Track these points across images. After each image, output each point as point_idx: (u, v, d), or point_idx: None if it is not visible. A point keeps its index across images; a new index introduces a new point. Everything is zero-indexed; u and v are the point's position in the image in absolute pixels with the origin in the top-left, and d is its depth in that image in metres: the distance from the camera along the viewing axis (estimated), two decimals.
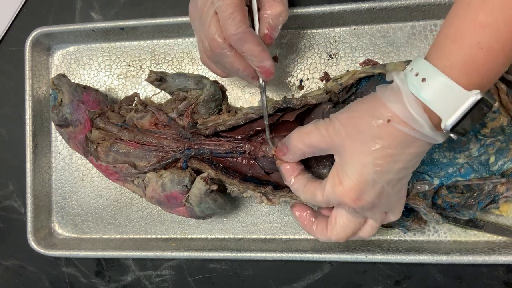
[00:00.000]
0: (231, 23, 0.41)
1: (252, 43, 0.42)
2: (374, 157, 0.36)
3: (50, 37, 0.59)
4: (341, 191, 0.38)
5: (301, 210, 0.45)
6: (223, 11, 0.42)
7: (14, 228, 0.62)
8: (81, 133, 0.53)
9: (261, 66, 0.44)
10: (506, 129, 0.45)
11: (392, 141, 0.36)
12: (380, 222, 0.42)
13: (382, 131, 0.36)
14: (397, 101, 0.35)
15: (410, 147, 0.36)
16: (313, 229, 0.44)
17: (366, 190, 0.38)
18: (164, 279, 0.58)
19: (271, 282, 0.56)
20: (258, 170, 0.49)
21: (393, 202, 0.40)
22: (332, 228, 0.42)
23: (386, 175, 0.37)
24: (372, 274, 0.54)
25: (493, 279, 0.52)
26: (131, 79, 0.59)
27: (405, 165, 0.37)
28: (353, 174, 0.38)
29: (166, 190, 0.49)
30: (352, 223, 0.42)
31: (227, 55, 0.44)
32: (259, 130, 0.49)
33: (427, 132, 0.35)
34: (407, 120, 0.35)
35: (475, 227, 0.51)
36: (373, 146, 0.36)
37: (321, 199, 0.41)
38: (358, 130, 0.37)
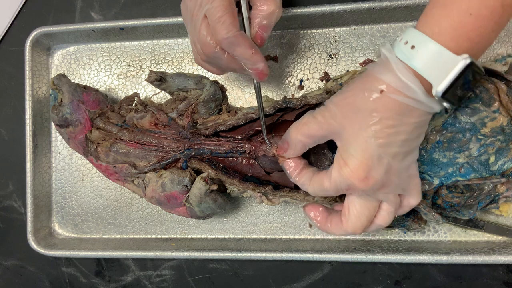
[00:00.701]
0: (221, 27, 0.40)
1: (243, 47, 0.41)
2: (375, 131, 0.36)
3: (50, 37, 0.59)
4: (348, 171, 0.37)
5: (314, 209, 0.44)
6: (212, 15, 0.41)
7: (14, 228, 0.62)
8: (81, 133, 0.53)
9: (254, 69, 0.43)
10: (506, 129, 0.45)
11: (389, 112, 0.35)
12: (395, 205, 0.40)
13: (377, 104, 0.36)
14: (387, 71, 0.35)
15: (408, 117, 0.36)
16: (328, 226, 0.43)
17: (373, 166, 0.36)
18: (164, 279, 0.58)
19: (271, 282, 0.56)
20: (258, 169, 0.49)
21: (404, 180, 0.39)
22: (346, 219, 0.41)
23: (390, 148, 0.36)
24: (372, 274, 0.54)
25: (493, 279, 0.52)
26: (131, 79, 0.59)
27: (408, 136, 0.36)
28: (357, 152, 0.37)
29: (166, 190, 0.49)
30: (366, 209, 0.40)
31: (221, 58, 0.43)
32: (259, 130, 0.49)
33: (422, 99, 0.35)
34: (400, 89, 0.35)
35: (475, 227, 0.51)
36: (372, 120, 0.36)
37: (329, 186, 0.39)
38: (354, 107, 0.37)
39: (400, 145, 0.36)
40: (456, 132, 0.45)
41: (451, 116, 0.45)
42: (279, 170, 0.48)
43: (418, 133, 0.37)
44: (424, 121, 0.37)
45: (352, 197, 0.40)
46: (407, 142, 0.37)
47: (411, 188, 0.40)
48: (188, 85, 0.51)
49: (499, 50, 0.52)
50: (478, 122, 0.45)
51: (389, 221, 0.41)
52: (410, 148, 0.37)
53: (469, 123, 0.45)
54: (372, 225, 0.41)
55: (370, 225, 0.41)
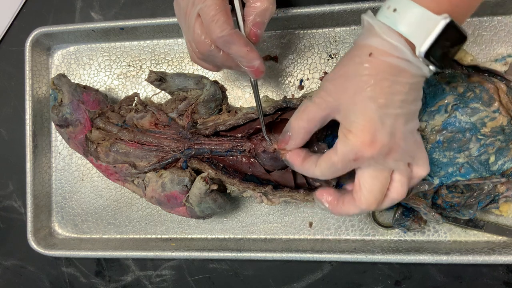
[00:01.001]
0: (215, 26, 0.40)
1: (238, 45, 0.41)
2: (371, 94, 0.36)
3: (50, 37, 0.59)
4: (353, 137, 0.37)
5: (325, 191, 0.42)
6: (206, 14, 0.41)
7: (14, 228, 0.62)
8: (81, 133, 0.53)
9: (250, 66, 0.43)
10: (506, 129, 0.45)
11: (381, 74, 0.36)
12: (407, 175, 0.39)
13: (368, 68, 0.36)
14: (372, 35, 0.36)
15: (401, 77, 0.36)
16: (341, 207, 0.41)
17: (376, 129, 0.36)
18: (164, 279, 0.58)
19: (271, 282, 0.56)
20: (258, 168, 0.49)
21: (411, 146, 0.38)
22: (359, 195, 0.39)
23: (389, 109, 0.36)
24: (372, 274, 0.54)
25: (493, 279, 0.52)
26: (131, 79, 0.59)
27: (405, 97, 0.36)
28: (358, 117, 0.36)
29: (166, 190, 0.49)
30: (377, 181, 0.38)
31: (216, 56, 0.43)
32: (259, 128, 0.49)
33: (410, 58, 0.35)
34: (387, 50, 0.35)
35: (475, 227, 0.51)
36: (366, 84, 0.36)
37: (337, 159, 0.38)
38: (347, 78, 0.37)
39: (399, 106, 0.36)
40: (456, 132, 0.45)
41: (451, 116, 0.45)
42: (279, 168, 0.48)
43: (414, 96, 0.37)
44: (417, 84, 0.37)
45: (362, 171, 0.39)
46: (405, 104, 0.37)
47: (419, 157, 0.39)
48: (188, 85, 0.51)
49: (499, 50, 0.52)
50: (478, 122, 0.45)
51: (403, 193, 0.39)
52: (409, 110, 0.37)
53: (469, 123, 0.45)
54: (386, 199, 0.40)
55: (384, 199, 0.39)
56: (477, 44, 0.52)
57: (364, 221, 0.54)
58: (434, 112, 0.45)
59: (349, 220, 0.54)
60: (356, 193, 0.39)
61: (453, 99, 0.45)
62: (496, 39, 0.52)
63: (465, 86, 0.45)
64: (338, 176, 0.40)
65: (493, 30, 0.52)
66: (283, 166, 0.48)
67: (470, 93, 0.45)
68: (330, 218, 0.54)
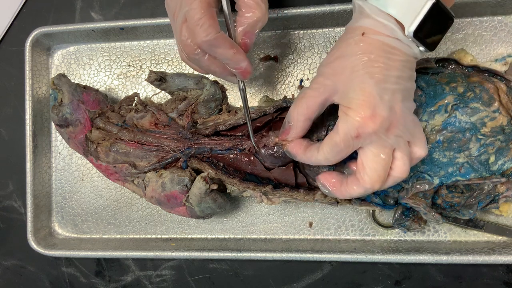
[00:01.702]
0: (199, 30, 0.40)
1: (224, 48, 0.41)
2: (367, 70, 0.37)
3: (50, 37, 0.59)
4: (353, 114, 0.37)
5: (328, 174, 0.42)
6: (191, 17, 0.40)
7: (14, 228, 0.62)
8: (81, 133, 0.53)
9: (238, 68, 0.43)
10: (506, 129, 0.45)
11: (375, 51, 0.37)
12: (408, 153, 0.39)
13: (363, 47, 0.38)
14: (364, 17, 0.38)
15: (394, 55, 0.37)
16: (345, 188, 0.40)
17: (376, 103, 0.37)
18: (164, 279, 0.58)
19: (271, 282, 0.56)
20: (258, 165, 0.49)
21: (410, 124, 0.39)
22: (362, 175, 0.39)
23: (386, 84, 0.37)
24: (372, 274, 0.54)
25: (493, 279, 0.52)
26: (131, 79, 0.59)
27: (400, 73, 0.38)
28: (356, 93, 0.37)
29: (166, 189, 0.49)
30: (380, 158, 0.38)
31: (201, 59, 0.43)
32: (259, 127, 0.49)
33: (400, 37, 0.37)
34: (378, 29, 0.37)
35: (475, 227, 0.51)
36: (361, 61, 0.37)
37: (339, 139, 0.38)
38: (342, 58, 0.38)
39: (395, 81, 0.37)
40: (456, 131, 0.45)
41: (451, 115, 0.45)
42: (279, 165, 0.48)
43: (408, 74, 0.39)
44: (409, 63, 0.38)
45: (364, 150, 0.39)
46: (401, 80, 0.38)
47: (417, 137, 0.40)
48: (188, 85, 0.51)
49: (499, 50, 0.52)
50: (478, 121, 0.45)
51: (406, 172, 0.39)
52: (405, 87, 0.38)
53: (469, 122, 0.45)
54: (390, 178, 0.39)
55: (387, 178, 0.39)
56: (477, 44, 0.52)
57: (364, 221, 0.54)
58: (434, 112, 0.45)
59: (349, 220, 0.54)
60: (359, 172, 0.39)
61: (453, 99, 0.45)
62: (496, 39, 0.52)
63: (465, 86, 0.45)
64: (342, 158, 0.39)
65: (493, 30, 0.52)
66: (283, 163, 0.48)
67: (470, 93, 0.45)
68: (330, 218, 0.54)
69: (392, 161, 0.39)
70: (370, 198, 0.48)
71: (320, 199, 0.47)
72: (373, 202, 0.48)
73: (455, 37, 0.52)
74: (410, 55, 0.38)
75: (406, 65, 0.38)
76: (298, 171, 0.49)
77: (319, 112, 0.41)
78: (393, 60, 0.37)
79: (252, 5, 0.41)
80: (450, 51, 0.52)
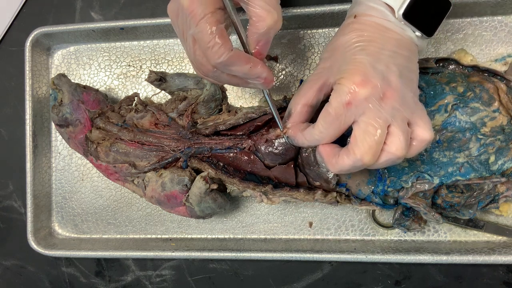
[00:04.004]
0: (211, 53, 0.38)
1: (239, 65, 0.39)
2: (359, 45, 0.38)
3: (50, 37, 0.59)
4: (345, 81, 0.37)
5: (327, 146, 0.40)
6: (200, 40, 0.38)
7: (14, 228, 0.62)
8: (81, 133, 0.53)
9: (258, 80, 0.41)
10: (506, 129, 0.45)
11: (367, 28, 0.39)
12: (404, 130, 0.37)
13: (355, 26, 0.39)
14: (357, 4, 0.40)
15: (387, 33, 0.38)
16: (336, 159, 0.38)
17: (367, 71, 0.36)
18: (164, 279, 0.58)
19: (271, 282, 0.56)
20: (258, 164, 0.49)
21: (409, 101, 0.38)
22: (353, 144, 0.37)
23: (380, 56, 0.37)
24: (372, 274, 0.54)
25: (493, 279, 0.52)
26: (131, 79, 0.59)
27: (395, 49, 0.38)
28: (348, 64, 0.37)
29: (166, 189, 0.49)
30: (371, 127, 0.36)
31: (220, 76, 0.41)
32: (259, 126, 0.49)
33: (391, 19, 0.38)
34: (370, 12, 0.39)
35: (475, 227, 0.51)
36: (352, 39, 0.38)
37: (332, 110, 0.37)
38: (337, 40, 0.40)
39: (389, 55, 0.38)
40: (456, 131, 0.45)
41: (451, 115, 0.45)
42: (280, 163, 0.48)
43: (406, 54, 0.39)
44: (407, 43, 0.39)
45: (357, 122, 0.37)
46: (397, 55, 0.38)
47: (420, 116, 0.38)
48: (188, 85, 0.51)
49: (499, 50, 0.52)
50: (478, 121, 0.45)
51: (402, 149, 0.37)
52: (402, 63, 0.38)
53: (469, 122, 0.45)
54: (383, 153, 0.37)
55: (381, 153, 0.37)
56: (477, 44, 0.52)
57: (364, 221, 0.54)
58: (434, 111, 0.45)
59: (349, 220, 0.54)
60: (351, 143, 0.37)
61: (453, 98, 0.45)
62: (496, 39, 0.52)
63: (465, 86, 0.45)
64: (338, 133, 0.38)
65: (493, 30, 0.52)
66: (284, 160, 0.48)
67: (470, 93, 0.45)
68: (330, 218, 0.54)
69: (387, 136, 0.37)
70: (370, 198, 0.48)
71: (320, 198, 0.47)
72: (373, 202, 0.48)
73: (455, 37, 0.52)
74: (405, 37, 0.39)
75: (402, 44, 0.38)
76: (298, 170, 0.49)
77: (318, 99, 0.41)
78: (387, 37, 0.38)
79: (262, 13, 0.38)
80: (450, 51, 0.52)
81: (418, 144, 0.38)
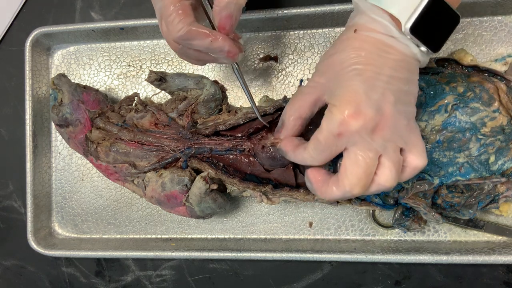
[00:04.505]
0: (171, 27, 0.39)
1: (199, 39, 0.40)
2: (355, 67, 0.35)
3: (50, 37, 0.59)
4: (337, 111, 0.35)
5: (316, 171, 0.39)
6: (163, 15, 0.40)
7: (14, 228, 0.62)
8: (81, 133, 0.53)
9: (221, 54, 0.41)
10: (506, 129, 0.45)
11: (367, 47, 0.36)
12: (395, 161, 0.36)
13: (353, 43, 0.36)
14: (359, 14, 0.37)
15: (387, 53, 0.36)
16: (325, 188, 0.38)
17: (361, 101, 0.35)
18: (164, 279, 0.58)
19: (271, 282, 0.56)
20: (258, 167, 0.49)
21: (402, 130, 0.36)
22: (343, 176, 0.36)
23: (376, 82, 0.35)
24: (372, 274, 0.54)
25: (493, 279, 0.52)
26: (131, 79, 0.59)
27: (393, 73, 0.36)
28: (342, 90, 0.35)
29: (166, 189, 0.49)
30: (362, 160, 0.35)
31: (188, 52, 0.42)
32: (259, 128, 0.49)
33: (395, 34, 0.35)
34: (371, 26, 0.36)
35: (475, 227, 0.51)
36: (351, 58, 0.36)
37: (322, 137, 0.36)
38: (334, 55, 0.37)
39: (386, 81, 0.35)
40: (456, 131, 0.45)
41: (451, 115, 0.45)
42: (278, 166, 0.48)
43: (405, 76, 0.36)
44: (407, 63, 0.37)
45: (348, 151, 0.37)
46: (394, 80, 0.36)
47: (413, 144, 0.37)
48: (188, 85, 0.51)
49: (499, 50, 0.52)
50: (478, 121, 0.45)
51: (392, 180, 0.36)
52: (398, 88, 0.36)
53: (469, 122, 0.45)
54: (373, 184, 0.37)
55: (371, 184, 0.37)
56: (477, 44, 0.52)
57: (364, 221, 0.54)
58: (434, 112, 0.45)
59: (349, 220, 0.54)
60: (340, 174, 0.37)
61: (453, 99, 0.45)
62: (496, 39, 0.52)
63: (465, 86, 0.45)
64: (327, 157, 0.37)
65: (493, 30, 0.52)
66: (282, 165, 0.48)
67: (470, 93, 0.45)
68: (330, 218, 0.54)
69: (378, 166, 0.36)
70: (370, 198, 0.48)
71: (320, 198, 0.47)
72: (373, 202, 0.48)
73: (455, 37, 0.52)
74: (408, 55, 0.36)
75: (402, 65, 0.36)
76: (298, 171, 0.49)
77: (312, 112, 0.40)
78: (386, 58, 0.36)
79: None
80: (450, 51, 0.52)
81: (411, 171, 0.38)
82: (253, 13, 0.52)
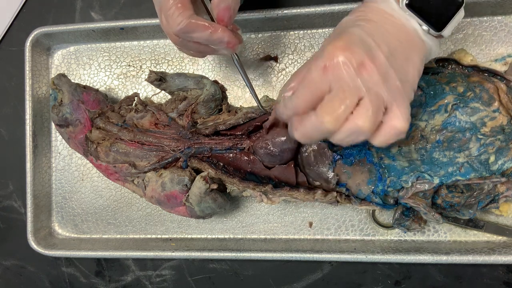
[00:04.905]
0: (171, 20, 0.41)
1: (198, 32, 0.41)
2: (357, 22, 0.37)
3: (50, 37, 0.59)
4: (327, 44, 0.35)
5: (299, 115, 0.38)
6: (163, 9, 0.41)
7: (14, 228, 0.62)
8: (81, 133, 0.53)
9: (221, 45, 0.42)
10: (506, 129, 0.45)
11: (370, 10, 0.38)
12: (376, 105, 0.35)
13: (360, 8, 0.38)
14: None
15: (389, 20, 0.37)
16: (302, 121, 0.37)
17: (353, 40, 0.35)
18: (164, 279, 0.58)
19: (271, 282, 0.56)
20: (258, 164, 0.49)
21: (391, 84, 0.35)
22: (319, 106, 0.35)
23: (371, 32, 0.36)
24: (372, 274, 0.54)
25: (493, 279, 0.52)
26: (131, 79, 0.59)
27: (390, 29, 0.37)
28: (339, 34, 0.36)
29: (166, 189, 0.49)
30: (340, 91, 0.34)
31: (188, 45, 0.43)
32: (258, 126, 0.49)
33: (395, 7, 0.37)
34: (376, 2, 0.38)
35: (475, 227, 0.51)
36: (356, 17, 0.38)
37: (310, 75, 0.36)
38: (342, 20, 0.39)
39: (383, 39, 0.36)
40: (456, 131, 0.45)
41: (451, 115, 0.45)
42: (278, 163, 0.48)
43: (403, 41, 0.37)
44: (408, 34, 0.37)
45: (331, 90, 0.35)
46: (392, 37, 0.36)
47: (399, 104, 0.35)
48: (188, 85, 0.51)
49: (499, 50, 0.52)
50: (478, 121, 0.45)
51: (368, 122, 0.34)
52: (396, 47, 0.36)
53: (469, 122, 0.45)
54: (347, 122, 0.35)
55: (345, 121, 0.35)
56: (477, 44, 0.52)
57: (364, 221, 0.54)
58: (434, 111, 0.45)
59: (349, 220, 0.54)
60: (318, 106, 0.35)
61: (453, 98, 0.45)
62: (496, 39, 0.52)
63: (465, 86, 0.45)
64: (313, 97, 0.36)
65: (493, 30, 0.52)
66: (282, 161, 0.48)
67: (470, 92, 0.45)
68: (330, 218, 0.54)
69: (356, 107, 0.35)
70: (370, 198, 0.48)
71: (320, 198, 0.47)
72: (373, 202, 0.48)
73: (455, 37, 0.52)
74: (408, 28, 0.37)
75: (402, 30, 0.37)
76: (298, 169, 0.49)
77: None
78: (388, 20, 0.37)
79: None
80: (450, 51, 0.52)
81: (387, 129, 0.36)
82: (253, 13, 0.52)
